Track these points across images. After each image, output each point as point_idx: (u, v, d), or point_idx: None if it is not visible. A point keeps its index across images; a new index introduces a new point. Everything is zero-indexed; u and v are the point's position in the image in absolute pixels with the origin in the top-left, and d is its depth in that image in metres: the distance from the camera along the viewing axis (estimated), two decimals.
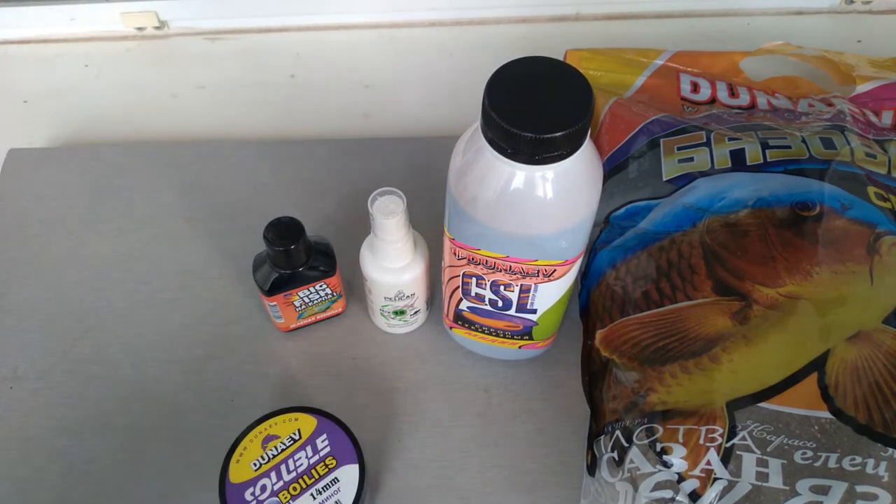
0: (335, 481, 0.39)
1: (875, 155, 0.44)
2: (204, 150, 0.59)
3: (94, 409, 0.47)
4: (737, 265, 0.40)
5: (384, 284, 0.44)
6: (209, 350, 0.49)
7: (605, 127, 0.49)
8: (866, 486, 0.33)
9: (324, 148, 0.59)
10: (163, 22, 0.68)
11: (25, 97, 0.65)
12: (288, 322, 0.48)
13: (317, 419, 0.41)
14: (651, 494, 0.36)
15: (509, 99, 0.31)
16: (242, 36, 0.69)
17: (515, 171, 0.33)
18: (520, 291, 0.40)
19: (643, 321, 0.41)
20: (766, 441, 0.35)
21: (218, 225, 0.55)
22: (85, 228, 0.55)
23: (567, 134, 0.31)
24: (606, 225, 0.46)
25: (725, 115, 0.50)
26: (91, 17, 0.67)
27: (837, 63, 0.55)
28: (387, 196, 0.41)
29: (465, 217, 0.36)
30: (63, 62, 0.67)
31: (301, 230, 0.43)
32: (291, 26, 0.69)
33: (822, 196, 0.41)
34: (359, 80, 0.65)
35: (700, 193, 0.43)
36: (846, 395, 0.35)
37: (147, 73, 0.66)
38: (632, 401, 0.39)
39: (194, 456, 0.45)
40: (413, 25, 0.69)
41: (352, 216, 0.55)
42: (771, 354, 0.37)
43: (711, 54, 0.56)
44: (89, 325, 0.50)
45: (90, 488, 0.44)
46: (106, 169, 0.58)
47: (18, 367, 0.48)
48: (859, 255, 0.39)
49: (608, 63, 0.55)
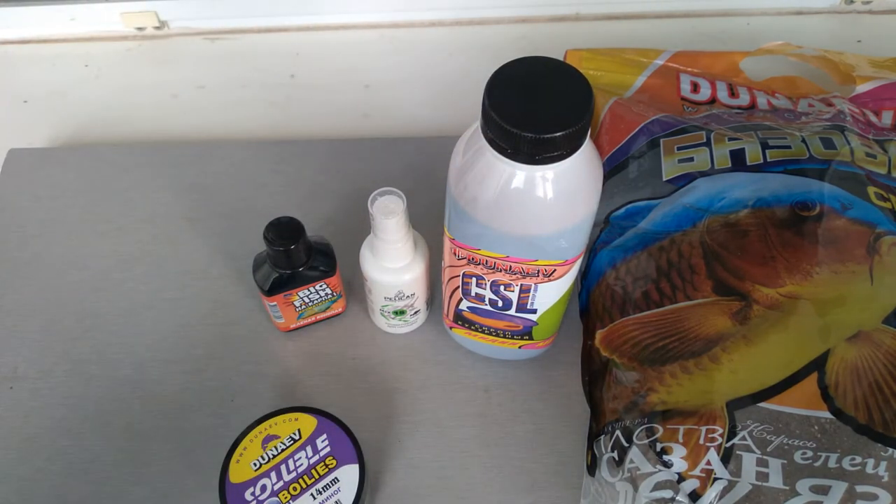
0: (335, 481, 0.39)
1: (875, 155, 0.44)
2: (204, 150, 0.59)
3: (94, 409, 0.47)
4: (737, 265, 0.40)
5: (384, 284, 0.44)
6: (209, 350, 0.49)
7: (605, 127, 0.49)
8: (866, 486, 0.33)
9: (324, 148, 0.59)
10: (163, 22, 0.68)
11: (25, 97, 0.65)
12: (288, 322, 0.48)
13: (317, 419, 0.41)
14: (651, 494, 0.36)
15: (509, 99, 0.31)
16: (242, 36, 0.69)
17: (515, 171, 0.33)
18: (520, 291, 0.40)
19: (643, 321, 0.41)
20: (766, 441, 0.35)
21: (218, 225, 0.55)
22: (85, 228, 0.55)
23: (567, 134, 0.31)
24: (606, 225, 0.46)
25: (725, 115, 0.50)
26: (91, 17, 0.67)
27: (837, 63, 0.55)
28: (387, 196, 0.41)
29: (465, 217, 0.36)
30: (63, 62, 0.67)
31: (301, 230, 0.43)
32: (291, 26, 0.69)
33: (822, 196, 0.41)
34: (359, 80, 0.65)
35: (700, 193, 0.43)
36: (846, 395, 0.35)
37: (147, 73, 0.66)
38: (632, 401, 0.39)
39: (194, 456, 0.45)
40: (413, 25, 0.69)
41: (352, 216, 0.55)
42: (771, 354, 0.37)
43: (711, 54, 0.56)
44: (89, 325, 0.50)
45: (90, 488, 0.44)
46: (106, 169, 0.58)
47: (18, 367, 0.48)
48: (859, 255, 0.39)
49: (608, 63, 0.55)
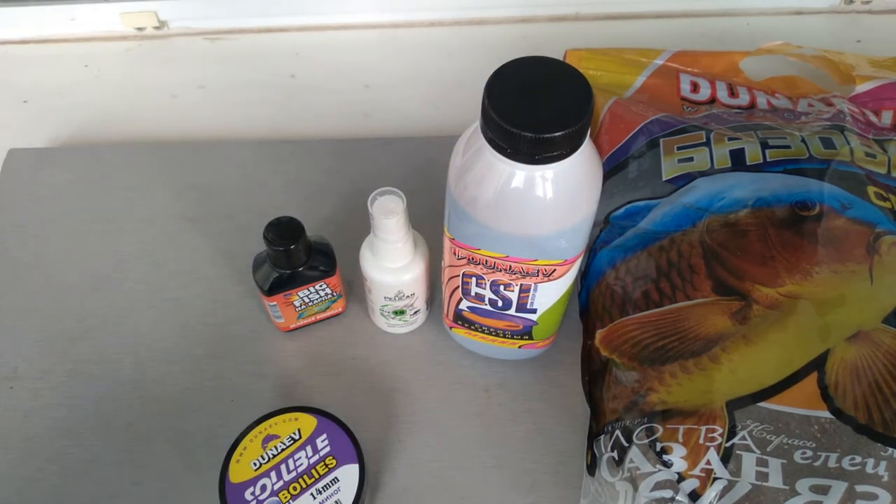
0: (335, 481, 0.39)
1: (875, 155, 0.44)
2: (204, 150, 0.59)
3: (94, 409, 0.47)
4: (736, 265, 0.40)
5: (384, 284, 0.44)
6: (209, 350, 0.49)
7: (605, 127, 0.49)
8: (866, 486, 0.33)
9: (324, 148, 0.59)
10: (163, 22, 0.68)
11: (25, 97, 0.65)
12: (288, 322, 0.48)
13: (317, 419, 0.41)
14: (651, 494, 0.35)
15: (509, 99, 0.31)
16: (242, 36, 0.69)
17: (515, 170, 0.33)
18: (520, 291, 0.40)
19: (643, 321, 0.41)
20: (766, 441, 0.35)
21: (218, 225, 0.55)
22: (85, 228, 0.55)
23: (567, 134, 0.31)
24: (606, 225, 0.46)
25: (725, 114, 0.50)
26: (91, 17, 0.67)
27: (837, 63, 0.55)
28: (387, 196, 0.41)
29: (465, 217, 0.36)
30: (63, 62, 0.67)
31: (301, 230, 0.43)
32: (291, 26, 0.69)
33: (822, 196, 0.41)
34: (359, 80, 0.65)
35: (700, 193, 0.43)
36: (846, 394, 0.35)
37: (147, 73, 0.66)
38: (632, 400, 0.39)
39: (194, 456, 0.45)
40: (413, 25, 0.69)
41: (352, 216, 0.55)
42: (771, 354, 0.37)
43: (711, 54, 0.56)
44: (89, 325, 0.50)
45: (90, 488, 0.44)
46: (106, 169, 0.58)
47: (18, 367, 0.48)
48: (859, 255, 0.39)
49: (608, 63, 0.55)
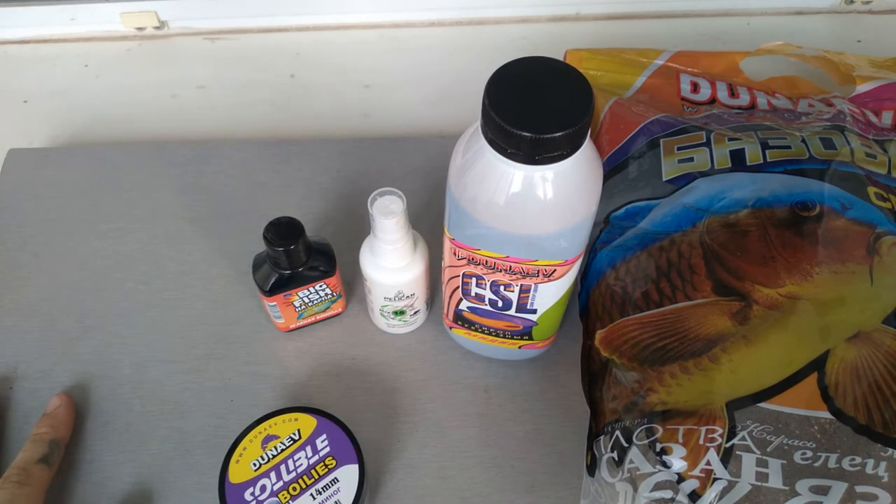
0: (335, 481, 0.39)
1: (875, 155, 0.44)
2: (204, 150, 0.59)
3: (94, 409, 0.47)
4: (737, 265, 0.40)
5: (384, 284, 0.44)
6: (209, 350, 0.49)
7: (605, 127, 0.49)
8: (866, 487, 0.33)
9: (324, 148, 0.59)
10: (163, 22, 0.68)
11: (25, 97, 0.65)
12: (288, 322, 0.48)
13: (317, 419, 0.41)
14: (651, 495, 0.35)
15: (509, 99, 0.31)
16: (242, 36, 0.69)
17: (515, 171, 0.33)
18: (520, 291, 0.40)
19: (643, 321, 0.41)
20: (766, 441, 0.35)
21: (218, 225, 0.55)
22: (85, 228, 0.55)
23: (567, 134, 0.31)
24: (606, 225, 0.46)
25: (725, 115, 0.50)
26: (91, 17, 0.67)
27: (837, 63, 0.55)
28: (387, 196, 0.41)
29: (465, 217, 0.36)
30: (63, 62, 0.67)
31: (301, 230, 0.43)
32: (291, 26, 0.69)
33: (822, 196, 0.41)
34: (359, 80, 0.65)
35: (700, 193, 0.43)
36: (846, 395, 0.35)
37: (147, 73, 0.66)
38: (632, 401, 0.39)
39: (194, 456, 0.45)
40: (413, 25, 0.69)
41: (352, 216, 0.55)
42: (771, 355, 0.37)
43: (711, 54, 0.56)
44: (89, 325, 0.50)
45: (90, 488, 0.44)
46: (106, 169, 0.58)
47: (18, 367, 0.48)
48: (859, 255, 0.38)
49: (608, 63, 0.55)
